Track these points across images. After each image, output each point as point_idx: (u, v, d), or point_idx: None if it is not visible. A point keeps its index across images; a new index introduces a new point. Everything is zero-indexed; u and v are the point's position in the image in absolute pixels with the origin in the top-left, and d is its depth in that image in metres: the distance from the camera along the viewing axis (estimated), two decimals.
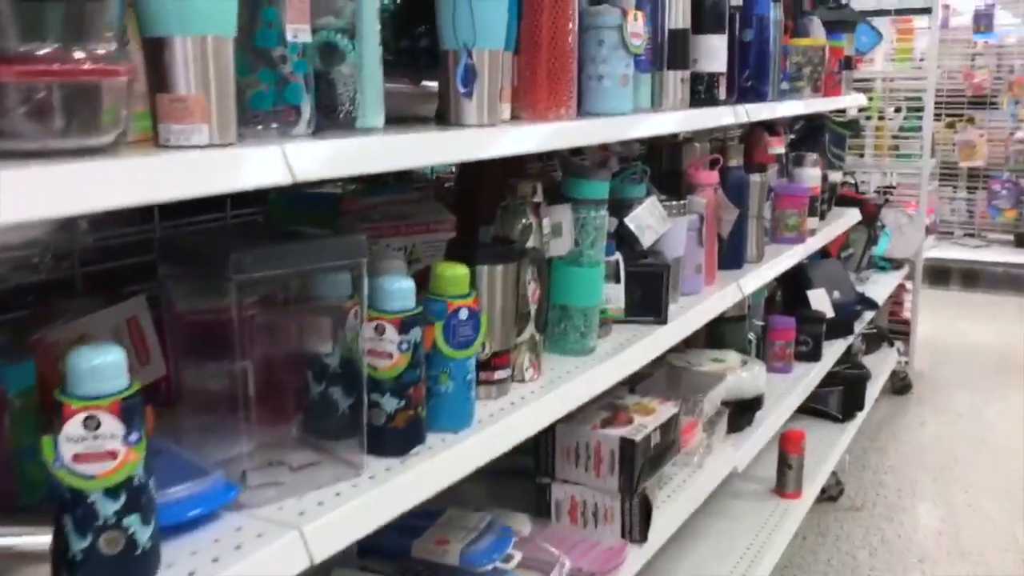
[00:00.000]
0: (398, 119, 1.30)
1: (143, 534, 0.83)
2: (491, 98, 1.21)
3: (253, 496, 1.01)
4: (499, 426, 1.26)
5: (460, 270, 1.21)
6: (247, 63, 0.94)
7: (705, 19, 1.89)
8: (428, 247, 1.46)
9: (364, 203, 1.46)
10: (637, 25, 1.52)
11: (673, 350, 2.34)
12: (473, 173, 1.68)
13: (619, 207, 1.81)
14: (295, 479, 1.06)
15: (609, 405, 1.78)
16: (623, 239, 1.81)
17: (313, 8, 1.04)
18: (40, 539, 0.81)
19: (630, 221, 1.80)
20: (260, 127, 0.96)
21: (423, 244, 1.45)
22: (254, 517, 0.98)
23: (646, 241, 1.81)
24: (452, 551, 1.42)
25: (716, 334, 2.46)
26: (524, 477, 1.79)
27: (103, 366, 0.81)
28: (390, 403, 1.12)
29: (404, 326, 1.11)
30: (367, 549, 1.51)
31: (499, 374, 1.34)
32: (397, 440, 1.13)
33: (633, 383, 2.01)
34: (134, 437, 0.81)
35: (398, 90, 1.36)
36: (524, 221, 1.39)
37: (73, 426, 0.79)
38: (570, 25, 1.38)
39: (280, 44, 0.94)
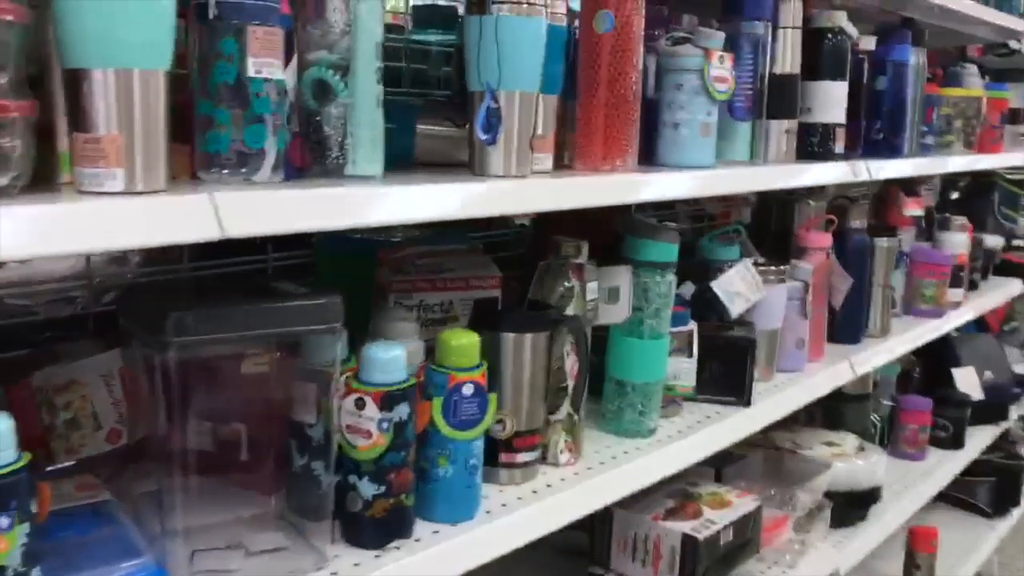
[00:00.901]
0: (444, 165, 1.18)
1: None
2: (520, 146, 1.07)
3: None
4: (511, 518, 1.10)
5: (466, 339, 1.06)
6: (204, 100, 0.84)
7: (823, 64, 1.68)
8: (467, 305, 1.32)
9: (403, 253, 1.34)
10: (723, 68, 1.35)
11: (780, 428, 2.11)
12: (549, 224, 1.54)
13: (707, 270, 1.63)
14: (246, 567, 0.94)
15: (679, 492, 1.59)
16: (711, 306, 1.62)
17: (306, 40, 0.94)
18: None
19: (717, 286, 1.60)
20: (225, 171, 0.85)
21: (462, 302, 1.32)
22: None
23: (735, 310, 1.61)
24: None
25: (833, 413, 2.20)
26: (579, 558, 1.61)
27: None
28: (367, 488, 0.99)
29: (386, 402, 0.97)
30: None
31: (523, 456, 1.18)
32: (373, 531, 0.99)
33: (722, 464, 1.80)
34: (5, 522, 0.70)
35: (448, 134, 1.25)
36: (565, 284, 1.24)
37: None
38: (633, 61, 1.22)
39: (240, 80, 0.83)
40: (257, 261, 1.44)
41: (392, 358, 0.99)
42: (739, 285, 1.61)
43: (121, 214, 0.72)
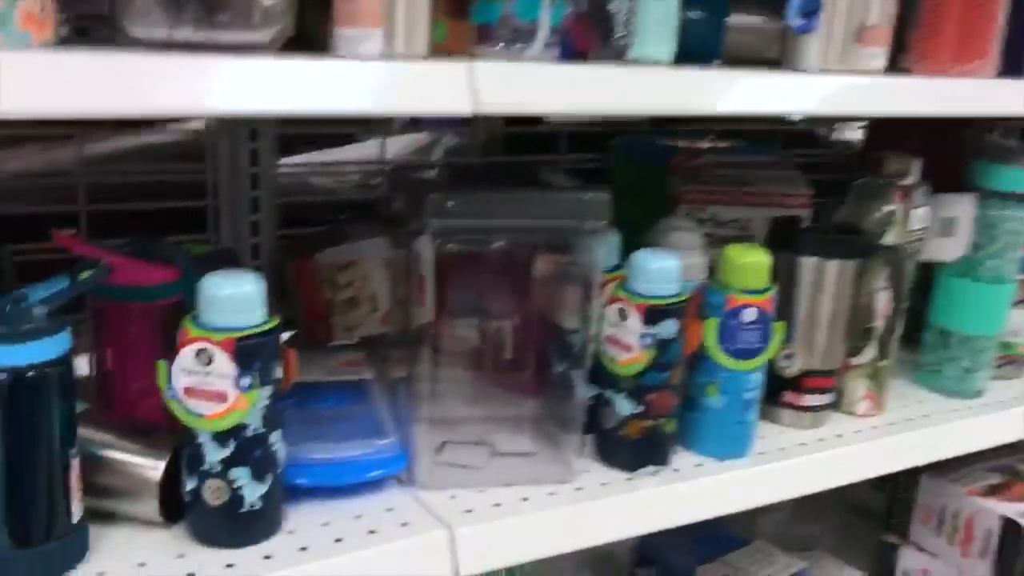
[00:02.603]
0: (755, 63, 1.05)
1: (252, 491, 0.73)
2: (844, 37, 0.90)
3: (434, 475, 0.88)
4: (787, 465, 0.98)
5: (753, 256, 0.93)
6: None
7: None
8: (767, 225, 1.18)
9: (699, 161, 1.22)
10: None
11: None
12: (888, 135, 1.33)
13: None
14: (491, 467, 0.90)
15: (1007, 469, 1.35)
16: None
17: None
18: (152, 464, 0.75)
19: None
20: (499, 45, 0.79)
21: (762, 220, 1.18)
22: (416, 500, 0.84)
23: None
24: None
25: None
26: (874, 521, 1.44)
27: (228, 297, 0.71)
28: (624, 406, 0.90)
29: (651, 315, 0.88)
30: (646, 556, 1.32)
31: (811, 399, 1.04)
32: (626, 451, 0.92)
33: None
34: (246, 382, 0.71)
35: (763, 28, 1.10)
36: (885, 208, 1.05)
37: (186, 356, 0.71)
38: None
39: None
40: (549, 162, 1.39)
41: (662, 268, 0.89)
42: None
43: (370, 77, 0.68)
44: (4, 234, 1.00)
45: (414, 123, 1.44)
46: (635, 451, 0.91)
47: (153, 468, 0.75)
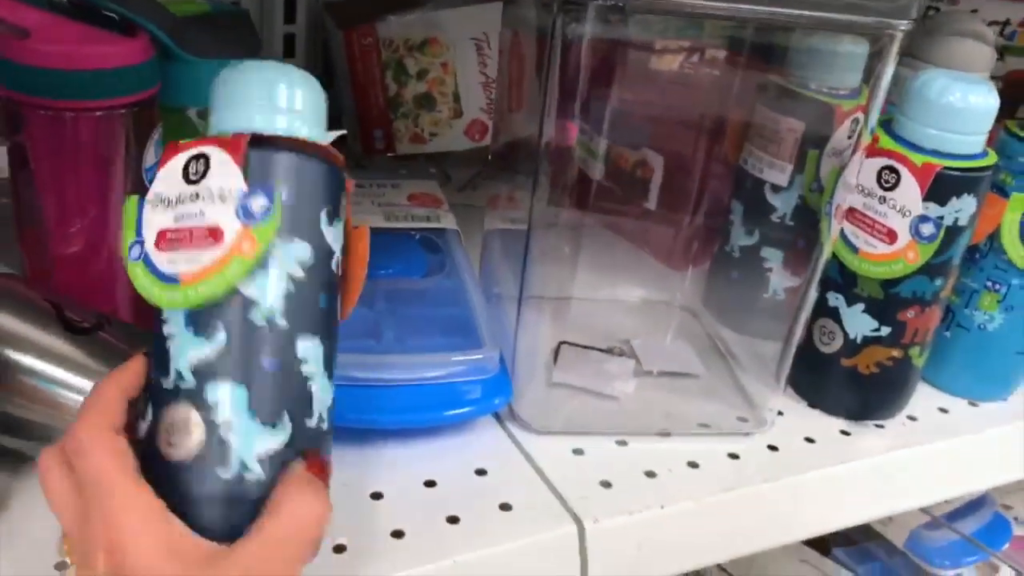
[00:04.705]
0: None
1: (251, 443, 0.36)
2: None
3: (551, 408, 0.56)
4: None
5: None
6: None
7: None
8: None
9: None
10: None
11: None
12: None
13: None
14: (639, 398, 0.58)
15: None
16: None
17: None
18: (89, 387, 0.43)
19: None
20: None
21: None
22: (523, 458, 0.52)
23: None
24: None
25: None
26: None
27: (253, 82, 0.36)
28: (858, 322, 0.57)
29: (942, 187, 0.52)
30: None
31: None
32: (850, 390, 0.59)
33: None
34: (261, 205, 0.36)
35: None
36: None
37: (169, 173, 0.36)
38: None
39: None
40: None
41: (970, 108, 0.52)
42: None
43: None
44: None
45: None
46: (864, 390, 0.58)
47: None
